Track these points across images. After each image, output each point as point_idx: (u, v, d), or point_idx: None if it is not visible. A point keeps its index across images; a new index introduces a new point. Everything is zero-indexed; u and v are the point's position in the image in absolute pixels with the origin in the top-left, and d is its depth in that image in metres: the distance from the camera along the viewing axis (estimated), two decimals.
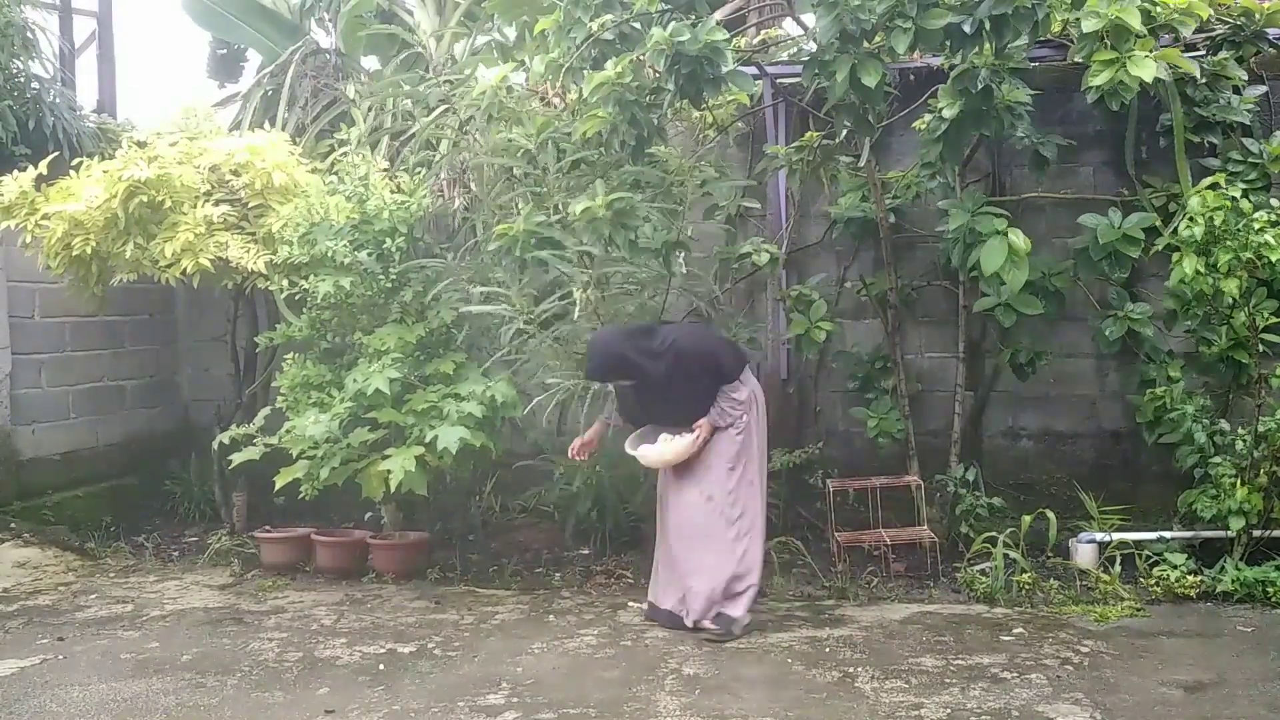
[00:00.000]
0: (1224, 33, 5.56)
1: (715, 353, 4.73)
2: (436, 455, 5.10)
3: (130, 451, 7.22)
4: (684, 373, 4.61)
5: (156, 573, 5.88)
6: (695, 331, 4.83)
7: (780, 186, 6.53)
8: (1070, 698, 3.84)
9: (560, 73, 4.91)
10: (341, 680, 4.17)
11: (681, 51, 4.48)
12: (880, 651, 4.36)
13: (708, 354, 4.70)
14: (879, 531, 5.57)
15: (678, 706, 3.83)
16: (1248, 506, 4.95)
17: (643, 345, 4.60)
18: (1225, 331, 5.33)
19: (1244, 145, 5.53)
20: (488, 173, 5.79)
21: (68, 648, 4.62)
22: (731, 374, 4.66)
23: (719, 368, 4.67)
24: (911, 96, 5.92)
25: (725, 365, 4.68)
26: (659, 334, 4.69)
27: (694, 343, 4.73)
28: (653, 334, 4.69)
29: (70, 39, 8.06)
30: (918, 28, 4.45)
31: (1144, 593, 4.99)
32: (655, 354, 4.58)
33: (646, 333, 4.71)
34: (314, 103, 7.17)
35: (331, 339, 5.69)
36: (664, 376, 4.59)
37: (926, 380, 6.44)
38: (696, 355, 4.66)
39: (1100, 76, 4.45)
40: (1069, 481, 6.12)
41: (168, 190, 5.58)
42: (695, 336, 4.82)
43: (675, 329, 4.81)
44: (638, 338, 4.65)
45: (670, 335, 4.67)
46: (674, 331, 4.75)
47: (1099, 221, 5.59)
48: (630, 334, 4.70)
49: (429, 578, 5.60)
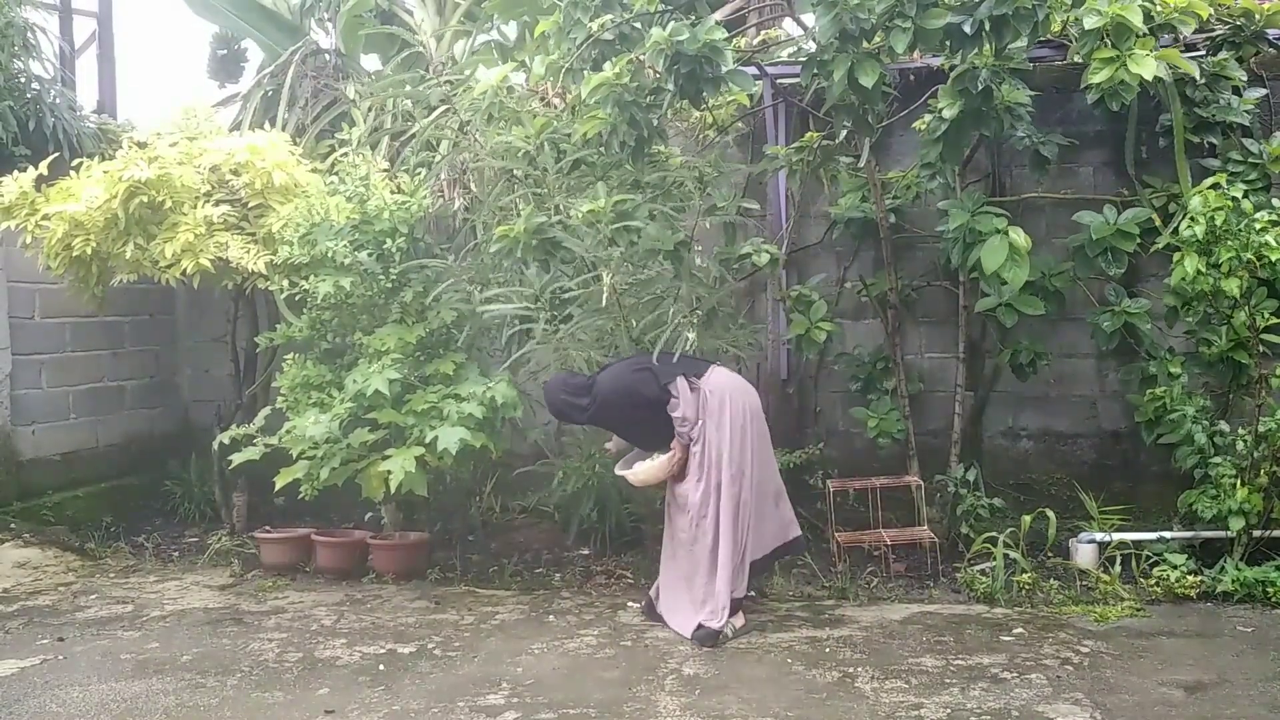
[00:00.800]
0: (1224, 33, 5.57)
1: (632, 388, 4.78)
2: (436, 456, 5.10)
3: (130, 452, 7.22)
4: (618, 412, 4.84)
5: (156, 573, 5.88)
6: (614, 375, 4.86)
7: (780, 187, 6.53)
8: (1070, 698, 3.84)
9: (560, 73, 4.91)
10: (341, 680, 4.17)
11: (681, 51, 4.48)
12: (880, 651, 4.36)
13: (625, 391, 4.79)
14: (879, 531, 5.57)
15: (678, 706, 3.83)
16: (1248, 507, 4.95)
17: (573, 400, 4.84)
18: (1225, 331, 5.33)
19: (1244, 145, 5.53)
20: (488, 173, 5.79)
21: (68, 648, 4.62)
22: (660, 398, 4.70)
23: (644, 399, 4.73)
24: (911, 96, 5.93)
25: (647, 394, 4.73)
26: (591, 387, 4.84)
27: (610, 385, 4.81)
28: (584, 390, 4.85)
29: (70, 39, 8.06)
30: (917, 28, 4.44)
31: (1144, 593, 4.99)
32: (584, 408, 4.83)
33: (579, 388, 4.86)
34: (314, 103, 7.17)
35: (332, 339, 5.69)
36: (612, 420, 4.94)
37: (927, 380, 6.44)
38: (615, 395, 4.79)
39: (1100, 74, 4.45)
40: (1069, 481, 6.13)
41: (168, 190, 5.59)
42: (611, 378, 4.85)
43: (604, 376, 4.88)
44: (570, 392, 4.86)
45: (598, 387, 4.82)
46: (601, 381, 4.85)
47: (1094, 218, 5.62)
48: (565, 385, 4.89)
49: (429, 578, 5.60)
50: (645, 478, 4.81)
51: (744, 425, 4.71)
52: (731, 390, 4.76)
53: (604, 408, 4.80)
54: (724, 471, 4.63)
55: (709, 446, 4.65)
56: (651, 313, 5.21)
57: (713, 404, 4.69)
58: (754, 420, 4.78)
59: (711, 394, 4.70)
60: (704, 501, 4.64)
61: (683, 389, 4.68)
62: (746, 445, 4.70)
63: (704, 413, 4.68)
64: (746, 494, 4.68)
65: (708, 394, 4.70)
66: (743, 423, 4.71)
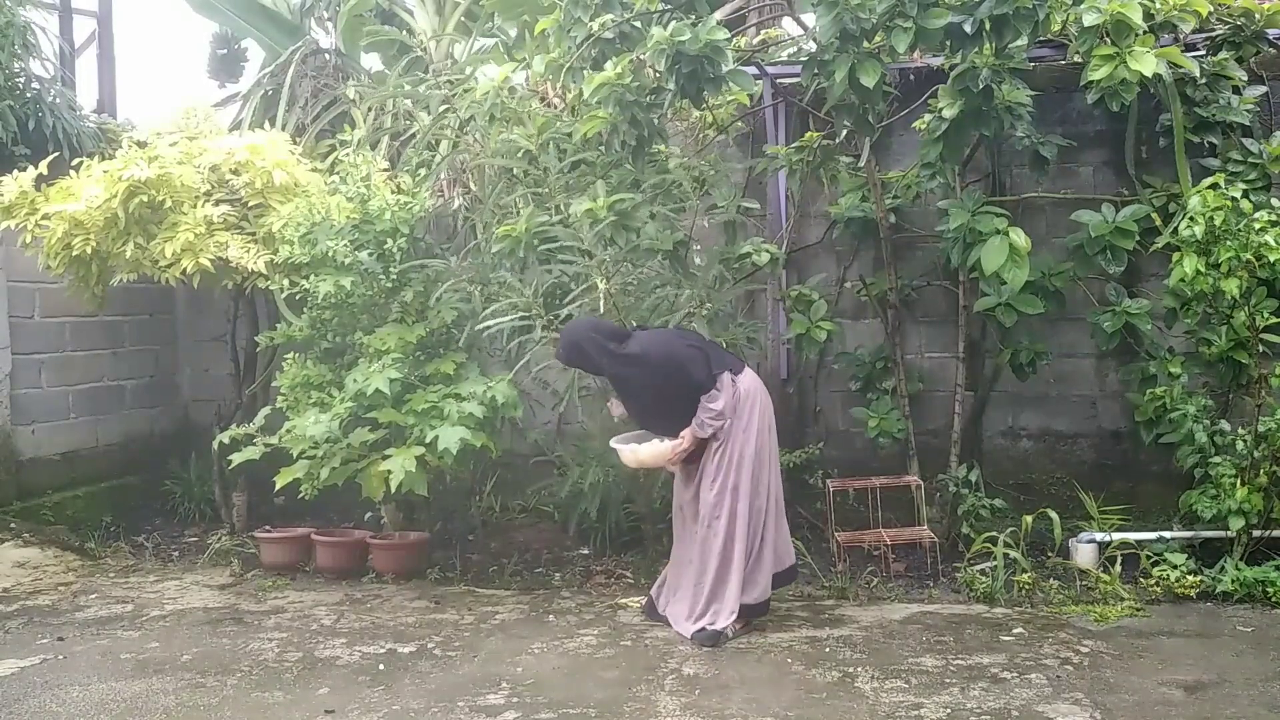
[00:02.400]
0: (1224, 33, 5.57)
1: (682, 363, 4.54)
2: (437, 455, 5.10)
3: (130, 451, 7.22)
4: (650, 378, 4.55)
5: (156, 573, 5.88)
6: (664, 340, 4.63)
7: (780, 186, 6.53)
8: (1070, 698, 3.84)
9: (561, 73, 4.91)
10: (341, 680, 4.17)
11: (682, 51, 4.48)
12: (880, 651, 4.36)
13: (675, 365, 4.54)
14: (879, 531, 5.57)
15: (678, 706, 3.83)
16: (1248, 506, 4.95)
17: (605, 343, 4.53)
18: (1225, 331, 5.33)
19: (1244, 145, 5.53)
20: (488, 173, 5.79)
21: (68, 648, 4.62)
22: (704, 384, 4.52)
23: (687, 378, 4.53)
24: (911, 96, 5.93)
25: (694, 375, 4.52)
26: (630, 339, 4.59)
27: (661, 352, 4.56)
28: (621, 337, 4.59)
29: (70, 39, 8.06)
30: (918, 27, 4.44)
31: (1144, 593, 4.99)
32: (616, 356, 4.51)
33: (615, 333, 4.60)
34: (314, 103, 7.17)
35: (332, 339, 5.69)
36: (635, 384, 4.60)
37: (927, 380, 6.44)
38: (661, 360, 4.54)
39: (1100, 71, 4.45)
40: (1069, 481, 6.12)
41: (168, 190, 5.59)
42: (663, 345, 4.61)
43: (649, 336, 4.66)
44: (604, 334, 4.56)
45: (640, 343, 4.57)
46: (646, 339, 4.61)
47: (1093, 216, 5.62)
48: (597, 327, 4.61)
49: (429, 578, 5.60)
50: (645, 459, 4.66)
51: (767, 432, 4.66)
52: (762, 396, 4.67)
53: (637, 365, 4.51)
54: (744, 475, 4.54)
55: (733, 446, 4.55)
56: (650, 314, 5.20)
57: (744, 406, 4.57)
58: (772, 431, 4.72)
59: (745, 395, 4.59)
60: (718, 502, 4.55)
61: (727, 383, 4.55)
62: (766, 452, 4.64)
63: (734, 412, 4.56)
64: (762, 501, 4.61)
65: (742, 394, 4.58)
66: (767, 429, 4.65)
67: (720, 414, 4.51)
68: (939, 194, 5.97)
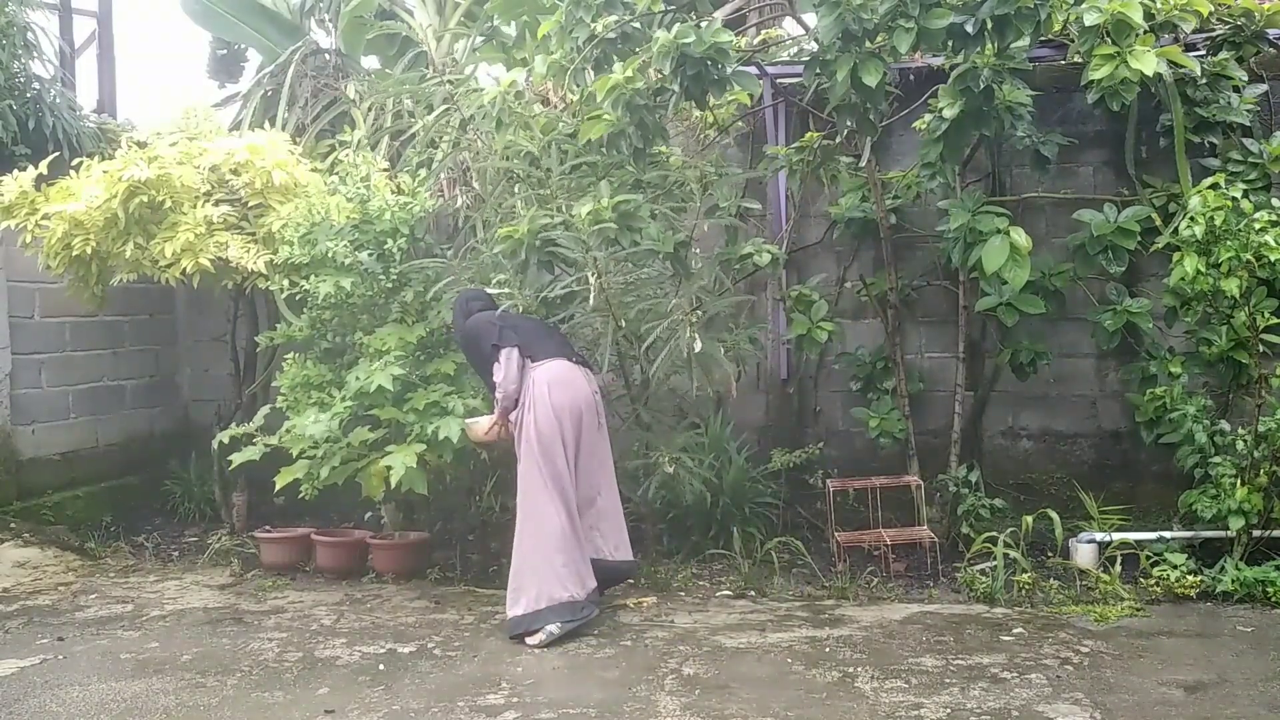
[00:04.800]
0: (1224, 33, 5.56)
1: (476, 336, 4.67)
2: (437, 452, 5.09)
3: (130, 451, 7.22)
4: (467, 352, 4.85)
5: (156, 573, 5.88)
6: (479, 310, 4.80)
7: (780, 186, 6.53)
8: (1070, 698, 3.84)
9: (563, 74, 4.91)
10: (341, 680, 4.17)
11: (687, 53, 4.48)
12: (880, 651, 4.36)
13: (470, 338, 4.69)
14: (879, 531, 5.57)
15: (678, 706, 3.83)
16: (1248, 506, 4.95)
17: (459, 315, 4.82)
18: (1225, 331, 5.34)
19: (1244, 145, 5.53)
20: (489, 172, 5.79)
21: (68, 648, 4.62)
22: (489, 356, 4.64)
23: (479, 350, 4.67)
24: (912, 96, 5.93)
25: (484, 348, 4.66)
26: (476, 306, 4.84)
27: (467, 325, 4.74)
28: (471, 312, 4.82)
29: (70, 39, 8.07)
30: (920, 27, 4.44)
31: (1144, 593, 4.99)
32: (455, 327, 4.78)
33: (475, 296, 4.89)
34: (314, 103, 7.17)
35: (332, 339, 5.69)
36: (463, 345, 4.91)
37: (927, 380, 6.44)
38: (465, 336, 4.73)
39: (1100, 71, 4.45)
40: (1069, 481, 6.12)
41: (168, 190, 5.59)
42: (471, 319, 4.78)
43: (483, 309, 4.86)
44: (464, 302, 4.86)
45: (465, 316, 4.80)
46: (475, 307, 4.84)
47: (1095, 216, 5.62)
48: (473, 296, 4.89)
49: (429, 578, 5.59)
50: (473, 433, 4.87)
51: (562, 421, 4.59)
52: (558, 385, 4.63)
53: (460, 335, 4.81)
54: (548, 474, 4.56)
55: (530, 439, 4.59)
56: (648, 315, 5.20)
57: (536, 392, 4.59)
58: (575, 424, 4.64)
59: (536, 383, 4.61)
60: (522, 490, 4.63)
61: (511, 359, 4.60)
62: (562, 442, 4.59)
63: (526, 395, 4.61)
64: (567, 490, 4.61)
65: (534, 380, 4.62)
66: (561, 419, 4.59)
67: (499, 387, 4.62)
68: (939, 194, 5.97)
